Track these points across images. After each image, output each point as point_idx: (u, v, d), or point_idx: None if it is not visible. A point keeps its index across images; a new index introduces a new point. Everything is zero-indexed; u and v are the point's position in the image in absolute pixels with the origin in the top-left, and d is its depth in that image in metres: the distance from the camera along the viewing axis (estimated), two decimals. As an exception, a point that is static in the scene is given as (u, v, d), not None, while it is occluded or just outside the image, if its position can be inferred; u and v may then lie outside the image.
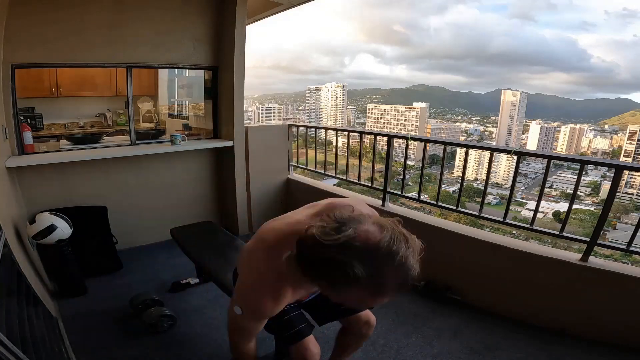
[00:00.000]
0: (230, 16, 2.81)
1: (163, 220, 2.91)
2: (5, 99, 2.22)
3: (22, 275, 1.53)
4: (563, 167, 19.53)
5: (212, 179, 3.31)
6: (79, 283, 2.26)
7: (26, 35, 2.23)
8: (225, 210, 3.37)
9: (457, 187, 7.02)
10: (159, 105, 4.19)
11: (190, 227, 2.38)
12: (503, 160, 19.93)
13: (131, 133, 2.85)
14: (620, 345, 1.80)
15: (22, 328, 1.17)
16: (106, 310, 2.10)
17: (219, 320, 2.05)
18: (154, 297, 2.08)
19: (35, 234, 2.00)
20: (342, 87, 37.83)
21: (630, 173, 15.95)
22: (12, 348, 0.96)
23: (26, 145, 2.40)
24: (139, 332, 1.92)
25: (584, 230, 12.29)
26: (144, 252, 2.87)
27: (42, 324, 1.48)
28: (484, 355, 1.80)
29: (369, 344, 1.87)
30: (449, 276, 2.29)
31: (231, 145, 3.06)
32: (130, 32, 2.60)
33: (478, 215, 2.27)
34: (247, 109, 10.48)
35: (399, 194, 2.67)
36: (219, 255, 2.02)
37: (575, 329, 1.91)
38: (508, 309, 2.10)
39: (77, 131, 3.81)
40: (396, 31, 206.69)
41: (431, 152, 16.41)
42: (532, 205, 11.30)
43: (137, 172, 2.86)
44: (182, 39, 2.85)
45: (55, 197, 2.48)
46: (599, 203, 16.41)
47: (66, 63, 2.44)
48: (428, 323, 2.04)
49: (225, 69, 3.01)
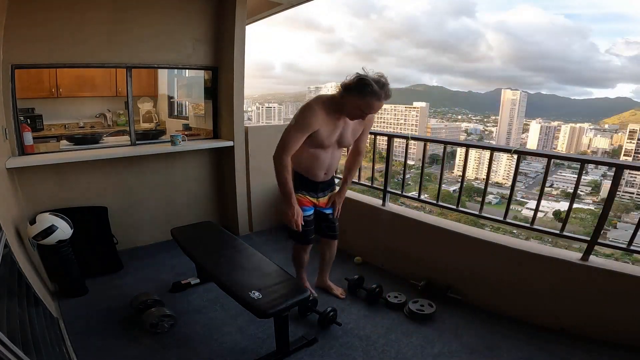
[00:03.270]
0: (230, 16, 2.81)
1: (163, 220, 2.92)
2: (5, 100, 2.22)
3: (22, 276, 1.54)
4: (563, 167, 19.51)
5: (212, 179, 3.31)
6: (79, 283, 2.26)
7: (26, 36, 2.23)
8: (225, 210, 3.38)
9: (457, 187, 7.00)
10: (159, 106, 4.19)
11: (190, 227, 2.38)
12: (503, 159, 19.91)
13: (131, 133, 2.85)
14: (621, 345, 1.80)
15: (23, 328, 1.17)
16: (107, 311, 2.11)
17: (219, 320, 2.05)
18: (155, 297, 2.09)
19: (36, 234, 2.00)
20: (342, 86, 37.72)
21: (630, 172, 15.92)
22: (13, 348, 0.96)
23: (26, 145, 2.39)
24: (140, 332, 1.92)
25: (585, 230, 12.28)
26: (145, 252, 2.87)
27: (42, 324, 1.48)
28: (484, 355, 1.80)
29: (370, 343, 1.87)
30: (449, 276, 2.29)
31: (231, 145, 3.06)
32: (130, 32, 2.60)
33: (478, 214, 2.27)
34: (247, 109, 10.48)
35: (399, 194, 2.67)
36: (219, 255, 2.02)
37: (575, 329, 1.91)
38: (508, 308, 2.10)
39: (77, 132, 3.81)
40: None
41: (431, 151, 16.39)
42: (533, 204, 11.30)
43: (137, 172, 2.86)
44: (182, 39, 2.85)
45: (56, 197, 2.49)
46: (600, 202, 16.39)
47: (66, 63, 2.44)
48: (428, 323, 2.04)
49: (225, 69, 3.01)
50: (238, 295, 1.60)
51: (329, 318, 1.96)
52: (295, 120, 1.76)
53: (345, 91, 1.68)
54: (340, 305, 2.17)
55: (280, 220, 3.42)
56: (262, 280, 1.72)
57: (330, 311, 1.96)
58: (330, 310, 1.97)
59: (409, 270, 2.49)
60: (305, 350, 1.81)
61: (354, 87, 1.65)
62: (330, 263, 2.29)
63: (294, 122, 1.76)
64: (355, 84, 1.64)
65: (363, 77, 1.63)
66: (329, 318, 1.96)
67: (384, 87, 1.65)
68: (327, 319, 1.95)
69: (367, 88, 1.61)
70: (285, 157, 1.76)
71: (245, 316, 1.98)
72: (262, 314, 1.51)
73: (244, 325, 2.00)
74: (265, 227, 3.40)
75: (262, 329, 1.93)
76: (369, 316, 2.11)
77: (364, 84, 1.62)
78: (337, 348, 1.84)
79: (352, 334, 1.95)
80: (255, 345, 1.85)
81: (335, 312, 1.99)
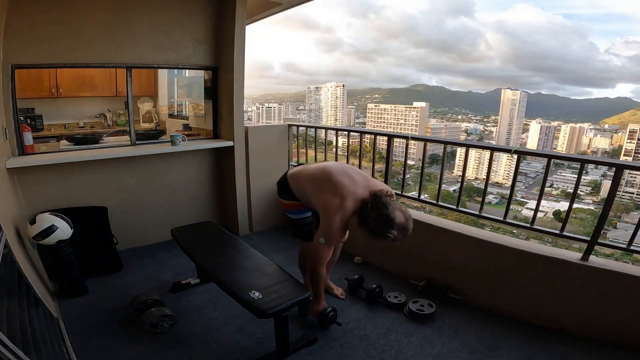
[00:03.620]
0: (230, 16, 2.81)
1: (163, 221, 2.92)
2: (5, 100, 2.22)
3: (22, 276, 1.54)
4: (563, 167, 19.51)
5: (212, 179, 3.31)
6: (79, 283, 2.26)
7: (26, 36, 2.23)
8: (225, 210, 3.38)
9: (457, 187, 7.00)
10: (159, 106, 4.19)
11: (190, 227, 2.38)
12: (503, 159, 19.92)
13: (131, 133, 2.85)
14: (621, 345, 1.80)
15: (23, 328, 1.17)
16: (107, 311, 2.10)
17: (219, 320, 2.05)
18: (155, 297, 2.09)
19: (36, 234, 2.00)
20: (342, 86, 37.82)
21: (630, 172, 15.93)
22: (13, 348, 0.96)
23: (26, 145, 2.40)
24: (140, 332, 1.92)
25: (585, 230, 12.28)
26: (145, 252, 2.87)
27: (43, 324, 1.48)
28: (484, 355, 1.80)
29: (370, 343, 1.87)
30: (449, 276, 2.29)
31: (231, 145, 3.06)
32: (130, 32, 2.60)
33: (478, 214, 2.27)
34: (247, 109, 10.48)
35: (399, 194, 2.67)
36: (219, 255, 2.02)
37: (575, 329, 1.91)
38: (508, 308, 2.10)
39: (77, 132, 3.81)
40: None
41: (431, 151, 16.41)
42: (533, 204, 11.29)
43: (138, 172, 2.86)
44: (182, 39, 2.85)
45: (56, 197, 2.48)
46: (600, 202, 16.40)
47: (66, 63, 2.44)
48: (428, 322, 2.04)
49: (225, 69, 3.01)
50: (238, 295, 1.60)
51: (329, 318, 1.96)
52: (336, 210, 1.69)
53: (367, 228, 1.64)
54: (340, 305, 2.17)
55: (280, 220, 3.43)
56: (262, 280, 1.72)
57: (330, 311, 1.96)
58: (330, 310, 1.97)
59: (409, 270, 2.49)
60: (305, 350, 1.81)
61: (374, 230, 1.61)
62: (333, 263, 2.29)
63: (336, 212, 1.68)
64: (379, 230, 1.60)
65: (389, 224, 1.58)
66: (329, 318, 1.96)
67: (405, 234, 1.62)
68: (327, 319, 1.95)
69: (389, 236, 1.59)
70: (326, 260, 1.84)
71: (245, 316, 1.98)
72: (262, 314, 1.51)
73: (244, 325, 2.00)
74: (265, 227, 3.40)
75: (262, 329, 1.93)
76: (369, 316, 2.11)
77: (386, 235, 1.59)
78: (337, 348, 1.84)
79: (352, 334, 1.94)
80: (255, 345, 1.85)
81: (335, 312, 1.99)
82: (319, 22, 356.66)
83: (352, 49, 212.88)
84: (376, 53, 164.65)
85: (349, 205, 1.69)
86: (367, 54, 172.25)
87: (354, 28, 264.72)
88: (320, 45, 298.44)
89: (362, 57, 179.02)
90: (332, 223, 1.70)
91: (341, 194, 1.70)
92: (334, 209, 1.69)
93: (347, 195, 1.69)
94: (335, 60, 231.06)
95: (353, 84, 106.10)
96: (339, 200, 1.69)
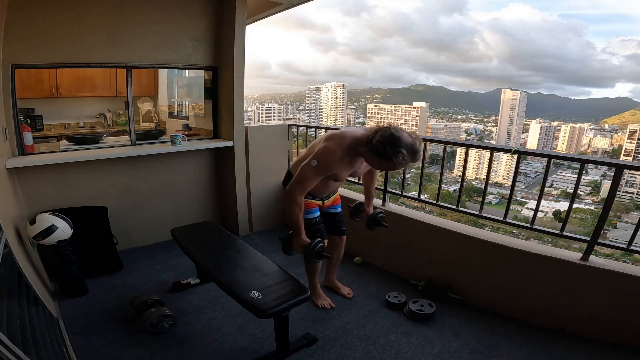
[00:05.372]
0: (230, 16, 2.81)
1: (163, 221, 2.92)
2: (5, 100, 2.22)
3: (22, 276, 1.54)
4: (563, 167, 19.54)
5: (212, 179, 3.31)
6: (79, 283, 2.26)
7: (26, 36, 2.23)
8: (225, 210, 3.38)
9: (457, 187, 7.01)
10: (159, 106, 4.19)
11: (190, 227, 2.38)
12: (503, 159, 19.95)
13: (131, 133, 2.85)
14: (621, 345, 1.80)
15: (23, 328, 1.17)
16: (107, 311, 2.10)
17: (219, 320, 2.05)
18: (155, 297, 2.09)
19: (36, 234, 2.00)
20: (342, 87, 37.84)
21: (630, 172, 15.93)
22: (13, 348, 0.96)
23: (26, 145, 2.39)
24: (140, 332, 1.92)
25: (585, 230, 12.29)
26: (145, 252, 2.87)
27: (42, 324, 1.48)
28: (485, 355, 1.80)
29: (370, 343, 1.87)
30: (450, 276, 2.29)
31: (231, 145, 3.06)
32: (130, 32, 2.60)
33: (478, 214, 2.27)
34: (247, 109, 10.47)
35: (399, 194, 2.67)
36: (219, 255, 2.02)
37: (575, 329, 1.91)
38: (508, 308, 2.10)
39: (77, 132, 3.82)
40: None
41: (431, 151, 16.39)
42: (533, 204, 11.30)
43: (138, 172, 2.86)
44: (182, 39, 2.85)
45: (56, 197, 2.48)
46: (600, 202, 16.41)
47: (66, 63, 2.44)
48: (428, 322, 2.04)
49: (225, 69, 3.01)
50: (238, 295, 1.60)
51: (317, 251, 1.81)
52: (317, 160, 1.68)
53: (374, 151, 1.56)
54: (341, 305, 2.17)
55: (280, 220, 3.43)
56: (262, 280, 1.72)
57: (317, 243, 1.82)
58: (318, 241, 1.82)
59: (409, 270, 2.49)
60: (305, 350, 1.81)
61: (382, 150, 1.52)
62: (338, 262, 2.30)
63: (316, 163, 1.68)
64: (387, 150, 1.51)
65: (395, 143, 1.50)
66: (317, 251, 1.81)
67: (415, 155, 1.54)
68: (315, 252, 1.81)
69: (399, 156, 1.50)
70: (299, 196, 1.73)
71: (245, 316, 1.99)
72: (262, 314, 1.51)
73: (244, 325, 2.00)
74: (265, 227, 3.40)
75: (262, 329, 1.93)
76: (369, 316, 2.11)
77: (395, 153, 1.50)
78: (337, 348, 1.84)
79: (352, 334, 1.94)
80: (255, 345, 1.85)
81: (324, 244, 1.90)
82: (314, 21, 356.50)
83: (348, 49, 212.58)
84: (372, 52, 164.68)
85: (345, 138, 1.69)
86: (363, 54, 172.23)
87: (348, 27, 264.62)
88: (316, 45, 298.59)
89: (358, 56, 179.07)
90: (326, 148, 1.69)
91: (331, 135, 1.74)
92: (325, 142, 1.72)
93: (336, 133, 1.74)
94: (331, 59, 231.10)
95: (351, 84, 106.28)
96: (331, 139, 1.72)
